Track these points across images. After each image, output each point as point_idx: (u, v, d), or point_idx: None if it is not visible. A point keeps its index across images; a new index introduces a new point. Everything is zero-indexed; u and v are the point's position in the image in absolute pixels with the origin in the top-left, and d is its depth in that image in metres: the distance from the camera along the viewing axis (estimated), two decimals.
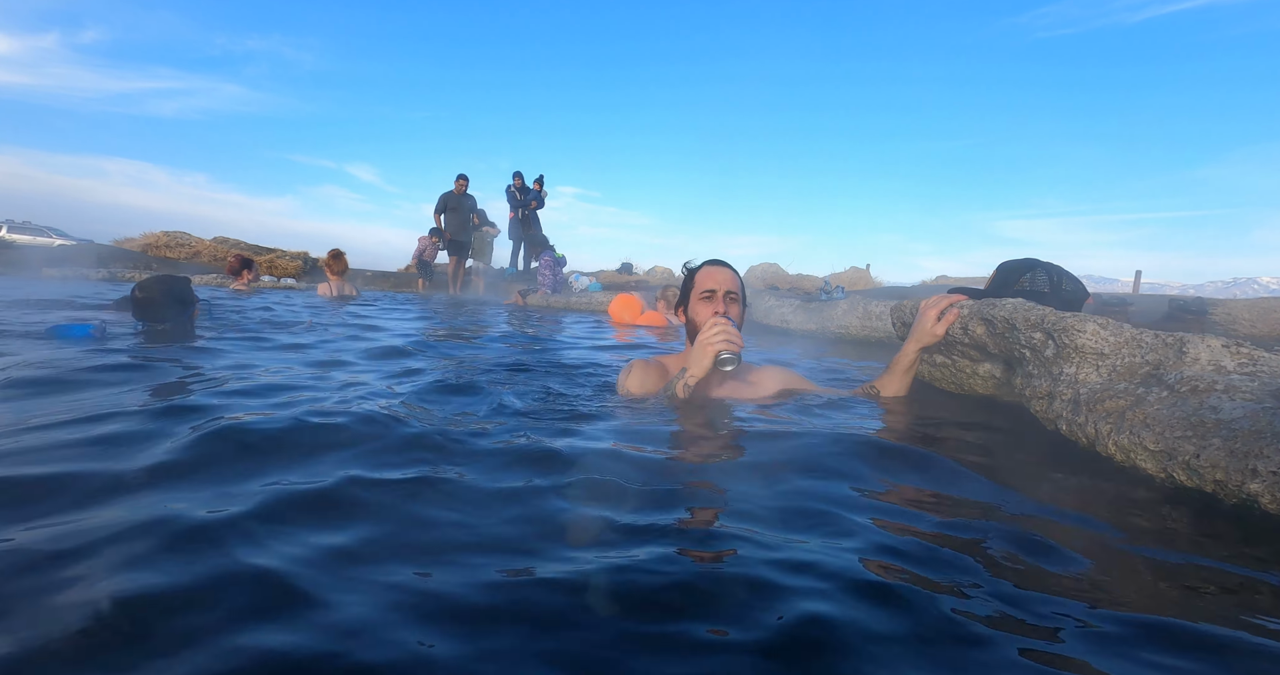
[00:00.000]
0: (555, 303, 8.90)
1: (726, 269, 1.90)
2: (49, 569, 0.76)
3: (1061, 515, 1.08)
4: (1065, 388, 1.48)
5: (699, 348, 1.70)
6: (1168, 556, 0.93)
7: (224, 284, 8.78)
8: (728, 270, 1.89)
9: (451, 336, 3.94)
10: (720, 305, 1.82)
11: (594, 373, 2.53)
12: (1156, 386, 1.32)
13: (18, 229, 22.99)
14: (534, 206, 11.86)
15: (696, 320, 1.83)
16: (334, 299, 6.90)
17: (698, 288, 1.86)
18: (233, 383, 1.89)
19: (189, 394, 1.73)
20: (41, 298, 4.92)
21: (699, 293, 1.85)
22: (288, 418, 1.41)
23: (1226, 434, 1.12)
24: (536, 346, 3.61)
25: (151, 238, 13.58)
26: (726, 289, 1.84)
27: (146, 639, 0.64)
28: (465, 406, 1.76)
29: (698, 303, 1.84)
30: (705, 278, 1.87)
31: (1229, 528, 1.04)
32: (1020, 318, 1.61)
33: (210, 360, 2.36)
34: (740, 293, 1.89)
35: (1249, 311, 5.69)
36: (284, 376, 2.07)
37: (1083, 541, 0.96)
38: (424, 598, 0.73)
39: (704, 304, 1.83)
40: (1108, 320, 1.51)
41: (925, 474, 1.27)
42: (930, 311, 1.84)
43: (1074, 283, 1.94)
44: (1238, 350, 1.37)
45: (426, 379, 2.14)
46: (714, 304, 1.82)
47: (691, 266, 1.94)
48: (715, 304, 1.82)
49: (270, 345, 2.95)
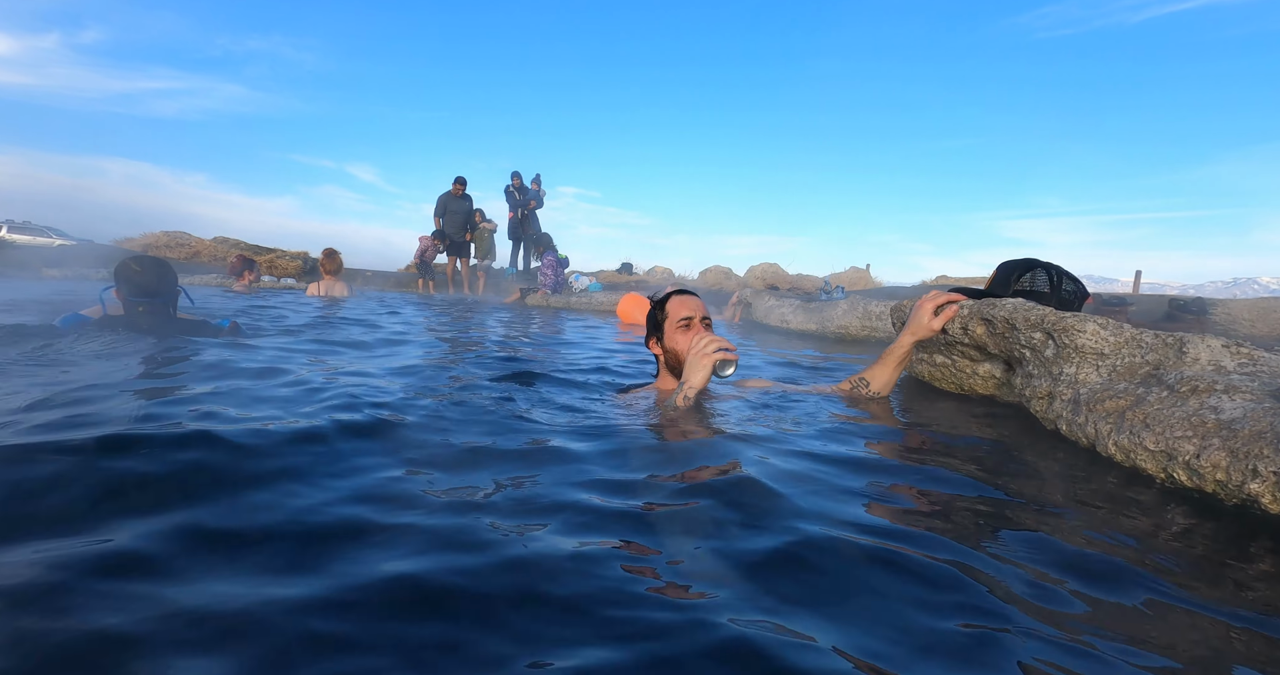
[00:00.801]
0: (555, 303, 8.89)
1: (695, 297, 1.94)
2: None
3: (1061, 516, 1.08)
4: (1065, 388, 1.48)
5: (695, 359, 1.71)
6: (1168, 557, 0.92)
7: (225, 284, 8.78)
8: (696, 298, 1.94)
9: (444, 337, 3.94)
10: (700, 330, 1.84)
11: (609, 380, 2.43)
12: (1156, 386, 1.32)
13: (18, 229, 23.00)
14: (532, 206, 11.87)
15: (676, 349, 1.86)
16: (323, 298, 6.92)
17: (672, 318, 1.89)
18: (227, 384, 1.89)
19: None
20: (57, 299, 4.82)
21: (675, 322, 1.88)
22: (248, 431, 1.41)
23: (1227, 434, 1.11)
24: (540, 353, 3.60)
25: (151, 238, 13.59)
26: (701, 314, 1.88)
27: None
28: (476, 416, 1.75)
29: (675, 332, 1.87)
30: (678, 307, 1.90)
31: (1229, 528, 1.04)
32: (1020, 318, 1.61)
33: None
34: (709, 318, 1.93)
35: (1249, 311, 5.70)
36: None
37: (1082, 542, 0.96)
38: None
39: (682, 333, 1.86)
40: (1108, 320, 1.51)
41: (925, 474, 1.27)
42: (928, 305, 1.84)
43: (1074, 283, 1.94)
44: (1238, 350, 1.37)
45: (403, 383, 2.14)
46: (692, 331, 1.85)
47: (656, 298, 1.98)
48: (694, 331, 1.85)
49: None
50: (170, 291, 2.79)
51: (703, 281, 12.88)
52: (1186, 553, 0.95)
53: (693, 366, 1.72)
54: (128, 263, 2.71)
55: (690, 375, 1.72)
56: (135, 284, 2.66)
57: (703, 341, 1.72)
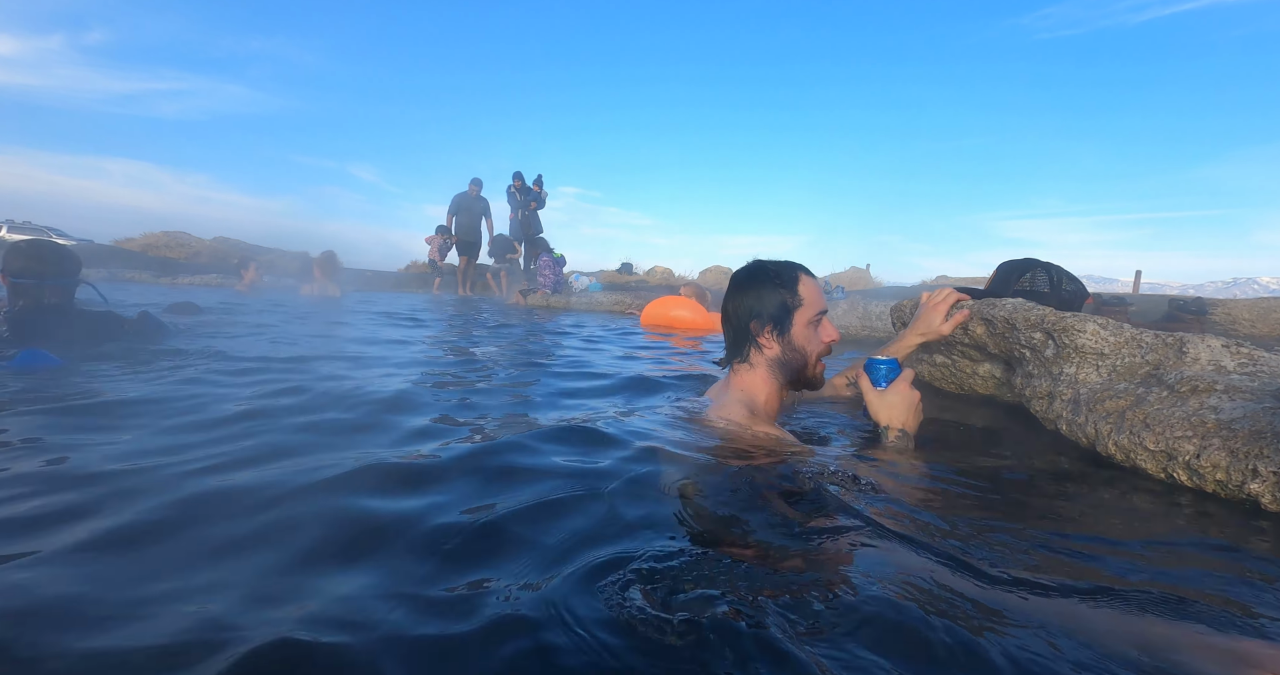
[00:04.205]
0: (555, 303, 8.91)
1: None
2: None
3: (1060, 516, 1.08)
4: (1065, 388, 1.48)
5: (904, 396, 1.42)
6: (1167, 557, 0.92)
7: (225, 284, 8.79)
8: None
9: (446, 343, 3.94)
10: (832, 331, 1.47)
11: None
12: (1156, 386, 1.32)
13: (18, 229, 23.00)
14: (534, 207, 11.92)
15: (807, 350, 1.43)
16: (316, 298, 6.99)
17: (807, 308, 1.43)
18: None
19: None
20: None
21: (809, 316, 1.43)
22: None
23: (1227, 434, 1.11)
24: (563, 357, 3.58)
25: (151, 238, 13.59)
26: (826, 308, 1.48)
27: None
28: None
29: (807, 328, 1.43)
30: (814, 296, 1.45)
31: (1229, 528, 1.04)
32: (1020, 318, 1.61)
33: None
34: None
35: (1249, 311, 5.69)
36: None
37: (1081, 543, 0.96)
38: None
39: (811, 330, 1.44)
40: (1108, 320, 1.51)
41: (924, 474, 1.27)
42: (940, 307, 1.71)
43: (1074, 283, 1.94)
44: (1238, 350, 1.37)
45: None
46: (824, 330, 1.46)
47: (779, 273, 1.45)
48: (825, 330, 1.46)
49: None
50: (65, 276, 2.46)
51: (703, 281, 12.90)
52: (1187, 553, 0.95)
53: (899, 404, 1.41)
54: (16, 244, 2.45)
55: (907, 419, 1.41)
56: (21, 265, 2.36)
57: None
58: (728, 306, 1.47)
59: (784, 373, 1.44)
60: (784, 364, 1.43)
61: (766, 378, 1.43)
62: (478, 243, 11.42)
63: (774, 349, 1.42)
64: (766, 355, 1.43)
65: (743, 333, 1.43)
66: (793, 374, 1.44)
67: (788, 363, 1.43)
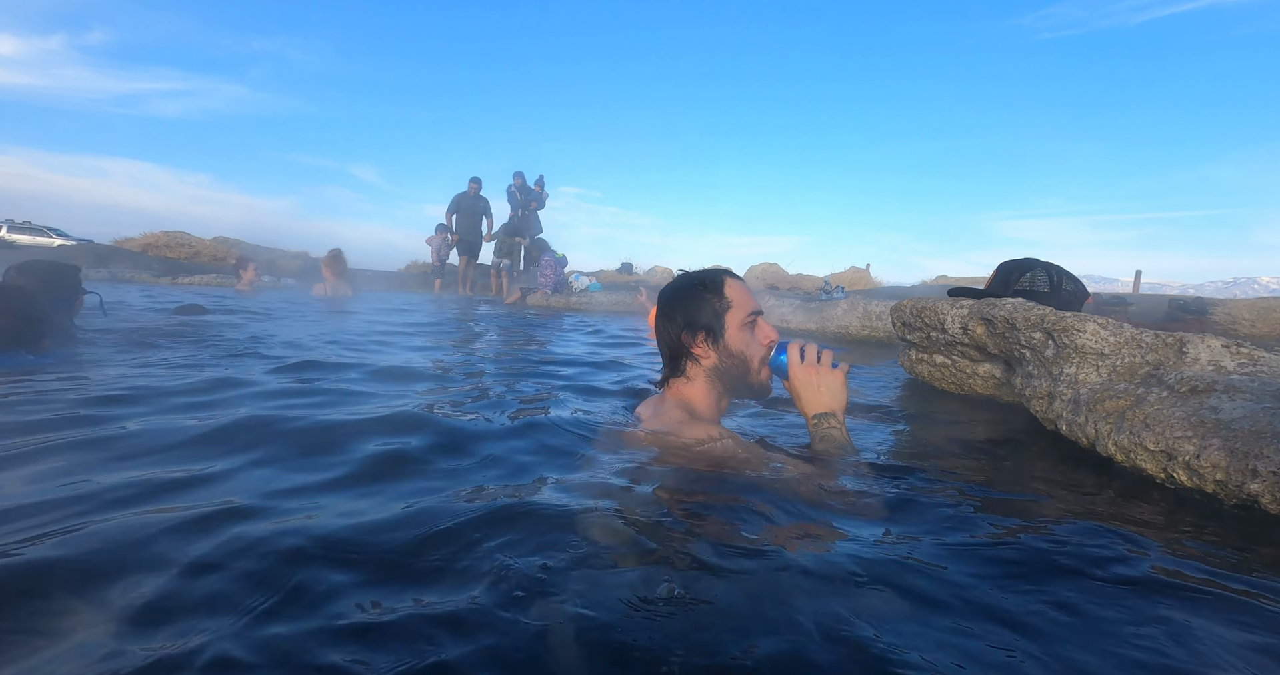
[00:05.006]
0: (555, 303, 8.90)
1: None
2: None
3: (1060, 517, 1.08)
4: (1065, 388, 1.48)
5: (829, 377, 1.35)
6: (1167, 558, 0.92)
7: (225, 284, 8.79)
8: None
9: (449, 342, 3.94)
10: (769, 331, 1.42)
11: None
12: (1156, 386, 1.32)
13: (18, 229, 23.02)
14: (534, 207, 11.92)
15: (744, 353, 1.36)
16: (328, 298, 6.96)
17: (738, 309, 1.37)
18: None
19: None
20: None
21: (740, 318, 1.37)
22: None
23: (1227, 434, 1.12)
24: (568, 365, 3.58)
25: (151, 238, 13.60)
26: (759, 308, 1.42)
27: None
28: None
29: (740, 331, 1.36)
30: (744, 296, 1.40)
31: (1229, 528, 1.04)
32: (1020, 318, 1.61)
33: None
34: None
35: (1249, 311, 5.69)
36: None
37: (1081, 543, 0.96)
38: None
39: (747, 331, 1.38)
40: (1108, 320, 1.51)
41: (924, 475, 1.27)
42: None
43: (1074, 283, 1.94)
44: (1238, 350, 1.37)
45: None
46: (760, 331, 1.40)
47: (703, 280, 1.40)
48: (762, 330, 1.41)
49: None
50: (61, 298, 2.37)
51: None
52: (1187, 553, 0.95)
53: (829, 387, 1.34)
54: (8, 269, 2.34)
55: (834, 399, 1.34)
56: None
57: (814, 352, 1.37)
58: (658, 325, 1.40)
59: (723, 381, 1.37)
60: (723, 372, 1.36)
61: (704, 389, 1.36)
62: (478, 242, 11.43)
63: (711, 358, 1.36)
64: (704, 365, 1.36)
65: (676, 347, 1.37)
66: (734, 381, 1.38)
67: (726, 370, 1.36)
